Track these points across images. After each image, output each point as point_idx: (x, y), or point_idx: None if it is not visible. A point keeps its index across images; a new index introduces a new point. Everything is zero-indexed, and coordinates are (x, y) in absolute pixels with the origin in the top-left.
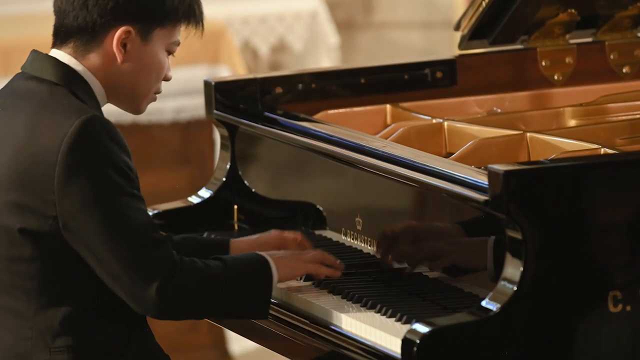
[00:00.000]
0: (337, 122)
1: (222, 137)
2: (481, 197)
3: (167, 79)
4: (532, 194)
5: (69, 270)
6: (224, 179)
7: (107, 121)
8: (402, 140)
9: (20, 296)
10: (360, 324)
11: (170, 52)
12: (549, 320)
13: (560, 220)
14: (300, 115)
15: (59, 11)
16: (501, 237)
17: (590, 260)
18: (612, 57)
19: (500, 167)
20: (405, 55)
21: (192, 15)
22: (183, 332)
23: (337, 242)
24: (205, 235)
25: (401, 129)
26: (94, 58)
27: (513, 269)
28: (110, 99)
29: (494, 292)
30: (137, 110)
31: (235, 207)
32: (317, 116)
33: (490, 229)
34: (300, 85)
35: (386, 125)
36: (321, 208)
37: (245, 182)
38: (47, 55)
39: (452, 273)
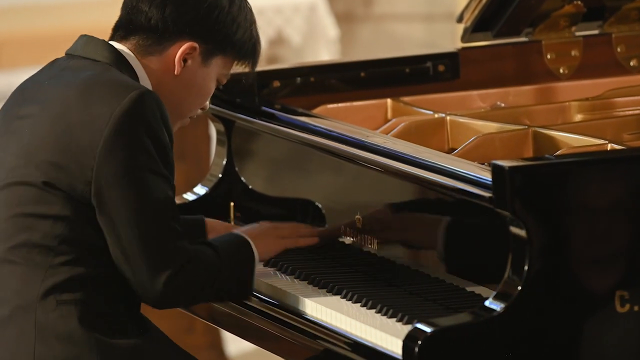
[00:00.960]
0: (336, 117)
1: (218, 132)
2: (485, 194)
3: (204, 108)
4: (537, 191)
5: (91, 234)
6: (220, 176)
7: (162, 101)
8: (403, 135)
9: (36, 252)
10: (360, 324)
11: (219, 83)
12: (554, 320)
13: (566, 217)
14: (299, 109)
15: (130, 7)
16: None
17: (596, 258)
18: (619, 49)
19: (505, 163)
20: (406, 48)
21: (252, 56)
22: (178, 333)
23: (337, 240)
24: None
25: (402, 124)
26: (153, 61)
27: (517, 268)
28: None
29: (498, 292)
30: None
31: (232, 204)
32: (316, 111)
33: (495, 226)
34: (298, 79)
35: (387, 120)
36: (320, 205)
37: (242, 178)
38: (102, 40)
39: (455, 272)
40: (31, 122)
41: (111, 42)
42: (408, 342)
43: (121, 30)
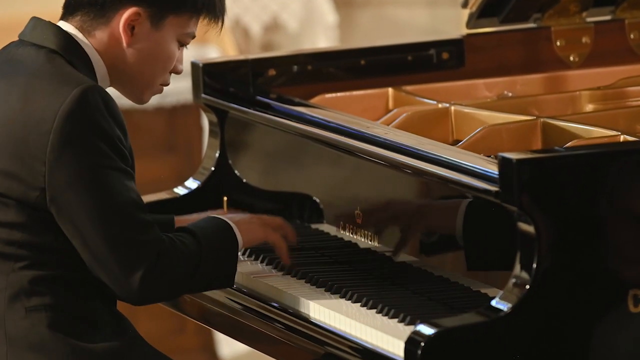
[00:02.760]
0: (335, 107)
1: (210, 123)
2: (491, 188)
3: (176, 71)
4: (546, 185)
5: (50, 238)
6: (213, 169)
7: (106, 93)
8: (406, 126)
9: None
10: (360, 325)
11: (182, 44)
12: (564, 321)
13: (577, 212)
14: (295, 99)
15: None
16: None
17: (608, 256)
18: (632, 36)
19: (512, 156)
20: (408, 34)
21: (211, 8)
22: (169, 334)
23: (335, 236)
24: None
25: (404, 115)
26: (100, 35)
27: (525, 266)
28: (114, 83)
29: (505, 291)
30: (140, 100)
31: (225, 198)
32: (314, 100)
33: (503, 222)
34: (295, 67)
35: (388, 111)
36: (318, 200)
37: (236, 171)
38: (49, 22)
39: (460, 270)
40: None
41: (60, 23)
42: (410, 344)
43: (68, 7)
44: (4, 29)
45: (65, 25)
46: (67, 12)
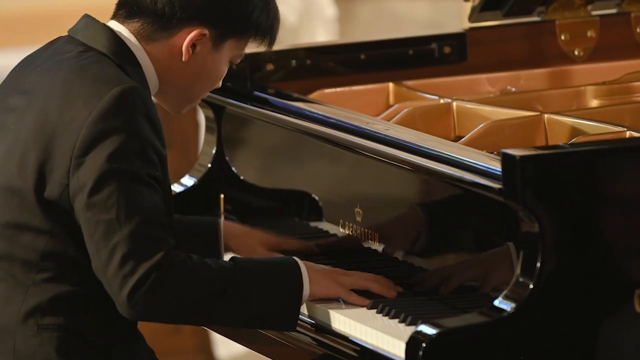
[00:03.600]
0: (334, 103)
1: (207, 118)
2: (494, 185)
3: (217, 87)
4: (550, 182)
5: (73, 247)
6: (210, 165)
7: (148, 97)
8: (407, 122)
9: (17, 267)
10: (360, 326)
11: (232, 63)
12: (568, 321)
13: (582, 210)
14: (294, 94)
15: None
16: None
17: (614, 255)
18: (638, 30)
19: (515, 152)
20: (409, 28)
21: (269, 36)
22: (164, 335)
23: (335, 234)
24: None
25: (405, 110)
26: (158, 47)
27: (529, 265)
28: (160, 92)
29: (508, 290)
30: (178, 112)
31: (222, 196)
32: (312, 96)
33: (506, 220)
34: (293, 62)
35: (389, 106)
36: (317, 197)
37: (233, 168)
38: (102, 24)
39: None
40: (16, 117)
41: (113, 23)
42: (411, 345)
43: (125, 8)
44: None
45: (118, 27)
46: (124, 14)
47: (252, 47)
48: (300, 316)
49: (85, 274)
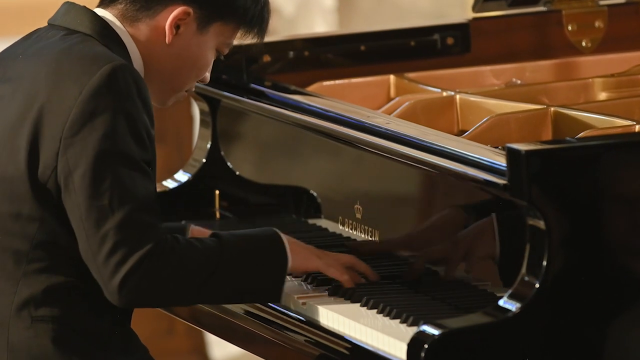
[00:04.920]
0: (333, 95)
1: (201, 112)
2: (499, 181)
3: (204, 81)
4: (557, 178)
5: (65, 236)
6: (204, 161)
7: (139, 75)
8: (408, 115)
9: (9, 257)
10: (360, 326)
11: (219, 53)
12: (575, 321)
13: (589, 207)
14: (291, 87)
15: None
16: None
17: (622, 252)
18: None
19: (521, 147)
20: (411, 18)
21: (259, 23)
22: (157, 336)
23: (334, 232)
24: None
25: (407, 103)
26: (142, 28)
27: (535, 264)
28: (145, 80)
29: (513, 290)
30: (164, 102)
31: (217, 192)
32: (311, 88)
33: (511, 217)
34: (291, 53)
35: (390, 99)
36: (315, 194)
37: (229, 163)
38: (84, 7)
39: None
40: (3, 105)
41: (97, 10)
42: (413, 346)
43: None
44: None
45: (103, 12)
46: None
47: (246, 40)
48: (297, 317)
49: (79, 264)
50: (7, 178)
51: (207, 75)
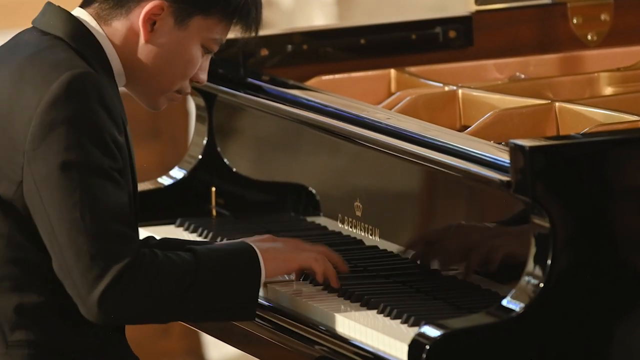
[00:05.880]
0: (332, 90)
1: (197, 107)
2: (502, 178)
3: (198, 80)
4: (562, 174)
5: (35, 252)
6: (200, 157)
7: (101, 82)
8: (409, 111)
9: None
10: (360, 327)
11: (208, 50)
12: (581, 321)
13: (595, 204)
14: (290, 81)
15: None
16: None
17: (629, 251)
18: None
19: (525, 143)
20: (412, 11)
21: (244, 15)
22: (152, 337)
23: (333, 230)
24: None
25: (408, 98)
26: (117, 27)
27: (539, 263)
28: (128, 83)
29: (517, 290)
30: (154, 105)
31: (213, 189)
32: (309, 83)
33: (515, 214)
34: (289, 47)
35: (390, 94)
36: (314, 191)
37: (225, 160)
38: (60, 8)
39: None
40: None
41: (75, 10)
42: (414, 347)
43: None
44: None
45: (80, 12)
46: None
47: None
48: (295, 317)
49: (53, 281)
50: None
51: (203, 76)
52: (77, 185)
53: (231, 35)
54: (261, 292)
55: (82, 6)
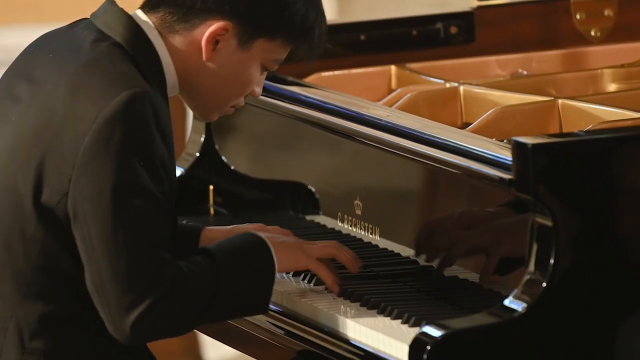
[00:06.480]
0: (332, 87)
1: None
2: (504, 176)
3: (254, 95)
4: (565, 172)
5: (68, 261)
6: (198, 155)
7: (159, 102)
8: (410, 108)
9: (8, 278)
10: (360, 327)
11: (266, 69)
12: (584, 322)
13: (598, 203)
14: (288, 78)
15: None
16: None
17: (633, 250)
18: None
19: (527, 140)
20: (413, 6)
21: (309, 40)
22: None
23: (333, 229)
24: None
25: (408, 95)
26: (179, 40)
27: (541, 262)
28: (182, 94)
29: (519, 289)
30: (207, 117)
31: (211, 187)
32: (309, 79)
33: (517, 213)
34: None
35: (391, 90)
36: (313, 189)
37: (223, 157)
38: (122, 10)
39: (470, 266)
40: (20, 109)
41: (137, 13)
42: (415, 347)
43: None
44: None
45: (142, 17)
46: (150, 4)
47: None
48: (294, 317)
49: (82, 294)
50: (16, 191)
51: (258, 90)
52: (123, 206)
53: None
54: None
55: (145, 10)
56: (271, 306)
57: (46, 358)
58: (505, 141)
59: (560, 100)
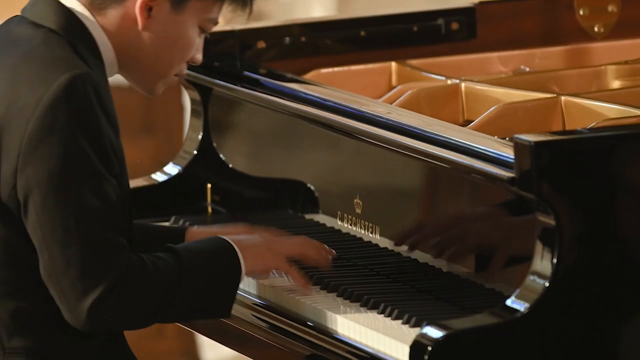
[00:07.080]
0: (332, 84)
1: (192, 101)
2: (506, 174)
3: (195, 61)
4: (568, 170)
5: (32, 256)
6: (195, 152)
7: (100, 83)
8: (411, 105)
9: None
10: (360, 327)
11: (204, 30)
12: (587, 322)
13: (602, 201)
14: (288, 75)
15: None
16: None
17: (637, 250)
18: None
19: (530, 138)
20: (414, 2)
21: None
22: (147, 338)
23: (332, 228)
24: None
25: (409, 92)
26: (112, 15)
27: (544, 261)
28: (122, 71)
29: (522, 289)
30: (151, 91)
31: (209, 185)
32: (308, 76)
33: (520, 212)
34: (287, 39)
35: (391, 87)
36: (313, 187)
37: (221, 155)
38: None
39: (471, 266)
40: None
41: (67, 0)
42: (416, 348)
43: None
44: None
45: (71, 2)
46: None
47: (240, 22)
48: (293, 317)
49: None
50: None
51: (199, 55)
52: (71, 191)
53: (228, 27)
54: (257, 291)
55: None
56: (268, 305)
57: (28, 356)
58: (507, 139)
59: (563, 97)
